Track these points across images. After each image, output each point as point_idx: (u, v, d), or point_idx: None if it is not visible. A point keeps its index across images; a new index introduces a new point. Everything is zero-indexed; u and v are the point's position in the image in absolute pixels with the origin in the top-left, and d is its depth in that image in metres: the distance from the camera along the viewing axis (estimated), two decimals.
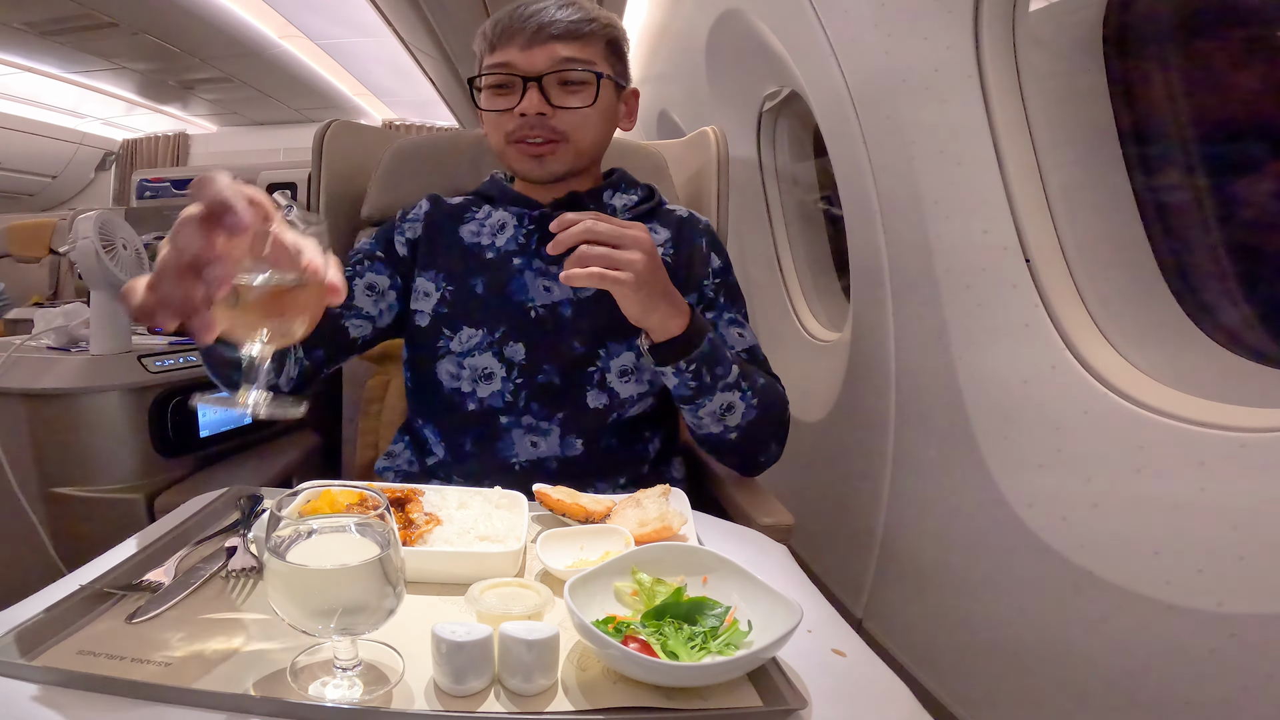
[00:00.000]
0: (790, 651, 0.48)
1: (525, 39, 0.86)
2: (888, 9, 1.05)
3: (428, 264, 0.94)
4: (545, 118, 0.86)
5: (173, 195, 1.56)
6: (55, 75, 4.73)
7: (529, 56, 0.86)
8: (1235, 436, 0.72)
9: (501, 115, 0.88)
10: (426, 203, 1.00)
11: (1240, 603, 0.69)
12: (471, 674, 0.44)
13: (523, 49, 0.86)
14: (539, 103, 0.85)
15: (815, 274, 2.00)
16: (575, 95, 0.88)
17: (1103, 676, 0.84)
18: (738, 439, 0.86)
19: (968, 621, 1.08)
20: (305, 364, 0.87)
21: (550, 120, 0.87)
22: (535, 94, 0.85)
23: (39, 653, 0.46)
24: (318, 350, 0.88)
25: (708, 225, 1.00)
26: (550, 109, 0.86)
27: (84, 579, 0.56)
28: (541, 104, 0.86)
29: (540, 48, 0.85)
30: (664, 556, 0.56)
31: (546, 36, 0.85)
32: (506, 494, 0.72)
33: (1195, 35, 0.92)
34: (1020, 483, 0.96)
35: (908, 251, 1.16)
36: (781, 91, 1.85)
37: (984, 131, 0.97)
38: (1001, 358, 0.99)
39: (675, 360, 0.80)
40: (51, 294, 3.01)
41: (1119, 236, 0.95)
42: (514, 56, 0.86)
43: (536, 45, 0.85)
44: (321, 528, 0.46)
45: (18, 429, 0.97)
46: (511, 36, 0.86)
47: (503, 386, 0.89)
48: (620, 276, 0.72)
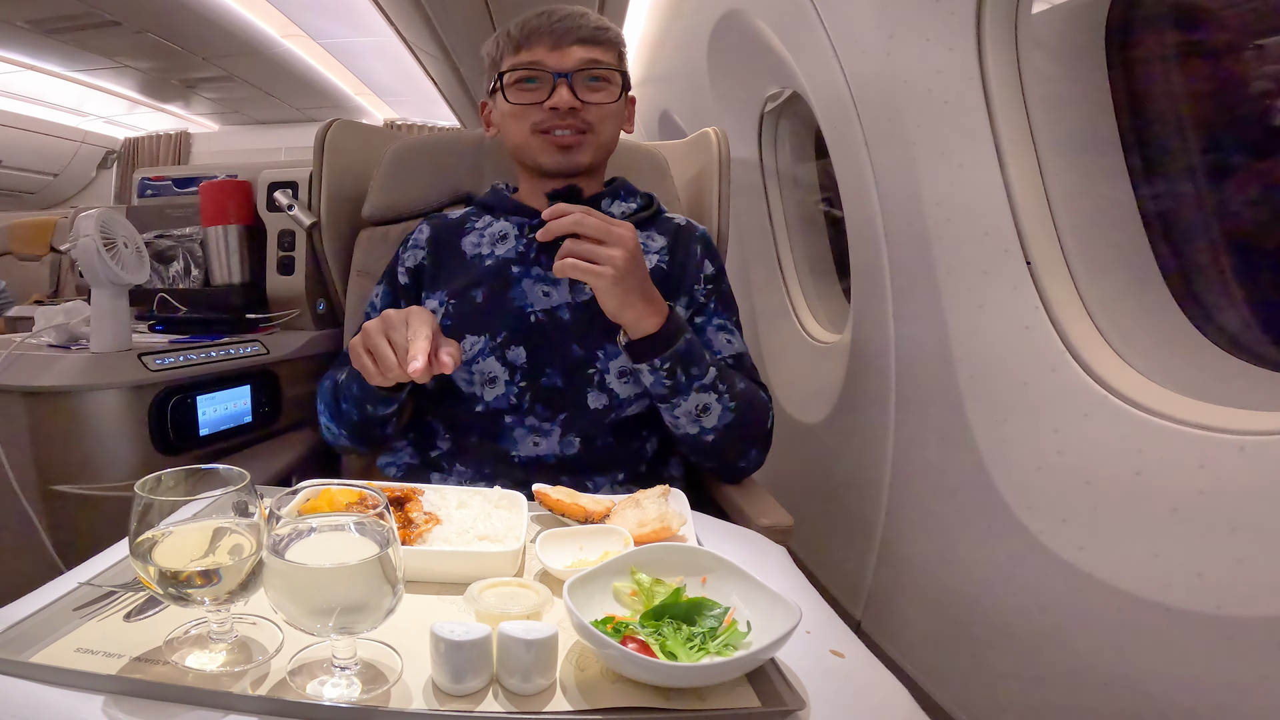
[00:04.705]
0: (789, 652, 0.48)
1: (554, 40, 0.92)
2: (890, 10, 1.05)
3: (434, 285, 0.99)
4: (575, 111, 0.92)
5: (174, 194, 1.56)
6: (57, 73, 4.73)
7: (559, 56, 0.92)
8: (1235, 439, 0.72)
9: (529, 109, 0.94)
10: (427, 228, 1.04)
11: (1239, 606, 0.69)
12: (470, 673, 0.44)
13: (552, 49, 0.92)
14: (570, 97, 0.91)
15: (816, 275, 2.00)
16: (600, 92, 0.94)
17: (1101, 678, 0.84)
18: (714, 441, 0.88)
19: (966, 623, 1.08)
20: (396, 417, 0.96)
21: (579, 113, 0.93)
22: (565, 89, 0.91)
23: (37, 650, 0.46)
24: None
25: (704, 233, 1.04)
26: (579, 103, 0.92)
27: (83, 577, 0.56)
28: (572, 99, 0.91)
29: (568, 49, 0.92)
30: (663, 557, 0.56)
31: (574, 39, 0.92)
32: (506, 494, 0.72)
33: (1198, 38, 0.92)
34: (1020, 485, 0.96)
35: (909, 253, 1.16)
36: (783, 93, 1.85)
37: (986, 133, 0.97)
38: (1002, 359, 0.99)
39: (650, 357, 0.83)
40: (52, 292, 3.01)
41: (1120, 239, 0.95)
42: (543, 55, 0.92)
43: (565, 46, 0.92)
44: (321, 526, 0.47)
45: (17, 426, 0.97)
46: (540, 38, 0.92)
47: (507, 390, 0.92)
48: (598, 270, 0.77)
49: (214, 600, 0.46)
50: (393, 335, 0.75)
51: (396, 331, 0.75)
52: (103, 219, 1.01)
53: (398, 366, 0.73)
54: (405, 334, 0.74)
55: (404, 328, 0.75)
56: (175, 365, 1.06)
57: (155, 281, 1.37)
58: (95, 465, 1.00)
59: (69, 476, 0.99)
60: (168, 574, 0.45)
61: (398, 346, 0.74)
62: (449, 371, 0.74)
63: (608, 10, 2.63)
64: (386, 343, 0.75)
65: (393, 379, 0.76)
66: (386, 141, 1.29)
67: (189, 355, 1.10)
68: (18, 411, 0.97)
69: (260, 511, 0.47)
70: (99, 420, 1.00)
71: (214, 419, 1.12)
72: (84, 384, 0.98)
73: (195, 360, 1.10)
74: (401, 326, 0.75)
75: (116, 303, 1.04)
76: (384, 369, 0.75)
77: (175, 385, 1.05)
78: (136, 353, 1.04)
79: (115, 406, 1.01)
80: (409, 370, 0.71)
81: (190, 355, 1.10)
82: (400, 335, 0.74)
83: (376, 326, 0.76)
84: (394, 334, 0.75)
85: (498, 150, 1.24)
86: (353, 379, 0.89)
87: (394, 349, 0.74)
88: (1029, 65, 0.96)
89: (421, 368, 0.71)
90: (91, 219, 1.00)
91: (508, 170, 1.15)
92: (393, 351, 0.74)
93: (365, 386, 0.85)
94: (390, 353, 0.74)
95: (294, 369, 1.28)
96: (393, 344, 0.74)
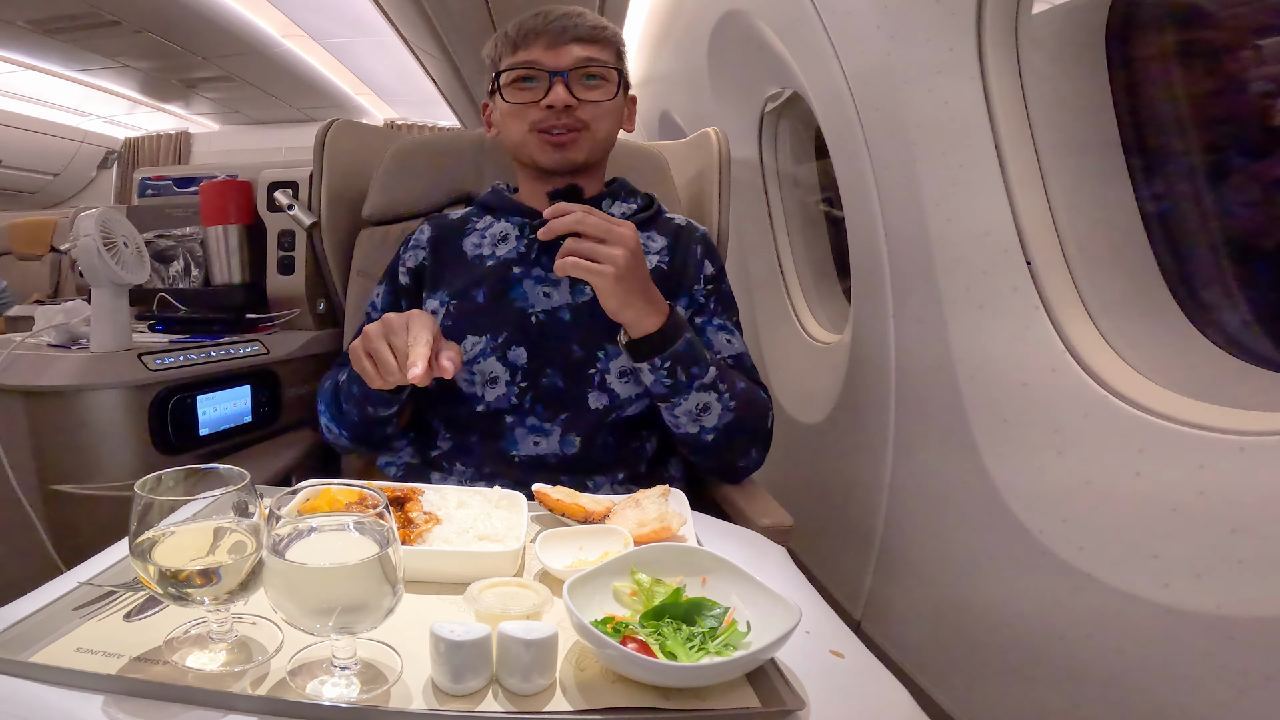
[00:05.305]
0: (789, 652, 0.48)
1: (550, 39, 0.92)
2: (890, 10, 1.05)
3: (435, 286, 0.99)
4: (571, 109, 0.92)
5: (174, 193, 1.56)
6: (58, 73, 4.73)
7: (555, 55, 0.92)
8: (1235, 440, 0.72)
9: (526, 108, 0.94)
10: (428, 228, 1.04)
11: (1239, 606, 0.69)
12: (470, 673, 0.44)
13: (548, 48, 0.92)
14: (566, 95, 0.91)
15: (816, 276, 2.00)
16: (596, 90, 0.94)
17: (1101, 679, 0.84)
18: (714, 441, 0.88)
19: (966, 623, 1.08)
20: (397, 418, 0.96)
21: (575, 111, 0.93)
22: (561, 87, 0.91)
23: (37, 650, 0.46)
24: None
25: (705, 234, 1.04)
26: (576, 101, 0.92)
27: (82, 576, 0.56)
28: (568, 96, 0.92)
29: (565, 48, 0.92)
30: (663, 557, 0.56)
31: (570, 38, 0.92)
32: (506, 494, 0.72)
33: (1198, 39, 0.92)
34: (1020, 485, 0.96)
35: (909, 253, 1.16)
36: (783, 93, 1.85)
37: (986, 134, 0.97)
38: (1002, 360, 0.99)
39: (650, 357, 0.83)
40: (52, 291, 3.01)
41: (1120, 239, 0.95)
42: (540, 55, 0.93)
43: (561, 45, 0.92)
44: (321, 526, 0.47)
45: (17, 426, 0.97)
46: (536, 37, 0.93)
47: (508, 390, 0.92)
48: (599, 269, 0.77)
49: (214, 600, 0.46)
50: (393, 340, 0.75)
51: (397, 336, 0.75)
52: (103, 219, 1.01)
53: (398, 371, 0.73)
54: (405, 338, 0.74)
55: (404, 332, 0.75)
56: (175, 365, 1.06)
57: (155, 281, 1.37)
58: (95, 465, 1.00)
59: (69, 476, 0.99)
60: (168, 574, 0.45)
61: (398, 351, 0.74)
62: (449, 377, 0.74)
63: (608, 10, 2.63)
64: (387, 347, 0.75)
65: (393, 383, 0.76)
66: (386, 141, 1.29)
67: (189, 355, 1.10)
68: (18, 411, 0.97)
69: (260, 511, 0.47)
70: (99, 420, 1.00)
71: (214, 419, 1.12)
72: (84, 384, 0.98)
73: (195, 360, 1.10)
74: (402, 331, 0.75)
75: (116, 302, 1.04)
76: (384, 373, 0.75)
77: (175, 385, 1.05)
78: (136, 352, 1.04)
79: (115, 406, 1.01)
80: (408, 376, 0.71)
81: (190, 355, 1.10)
82: (401, 340, 0.74)
83: (377, 330, 0.76)
84: (394, 338, 0.75)
85: (498, 150, 1.24)
86: (354, 380, 0.89)
87: (394, 353, 0.74)
88: (1029, 65, 0.96)
89: (421, 373, 0.71)
90: (92, 219, 1.00)
91: (508, 170, 1.15)
92: (393, 356, 0.74)
93: (366, 388, 0.85)
94: (390, 357, 0.74)
95: (294, 369, 1.28)
96: (393, 348, 0.75)
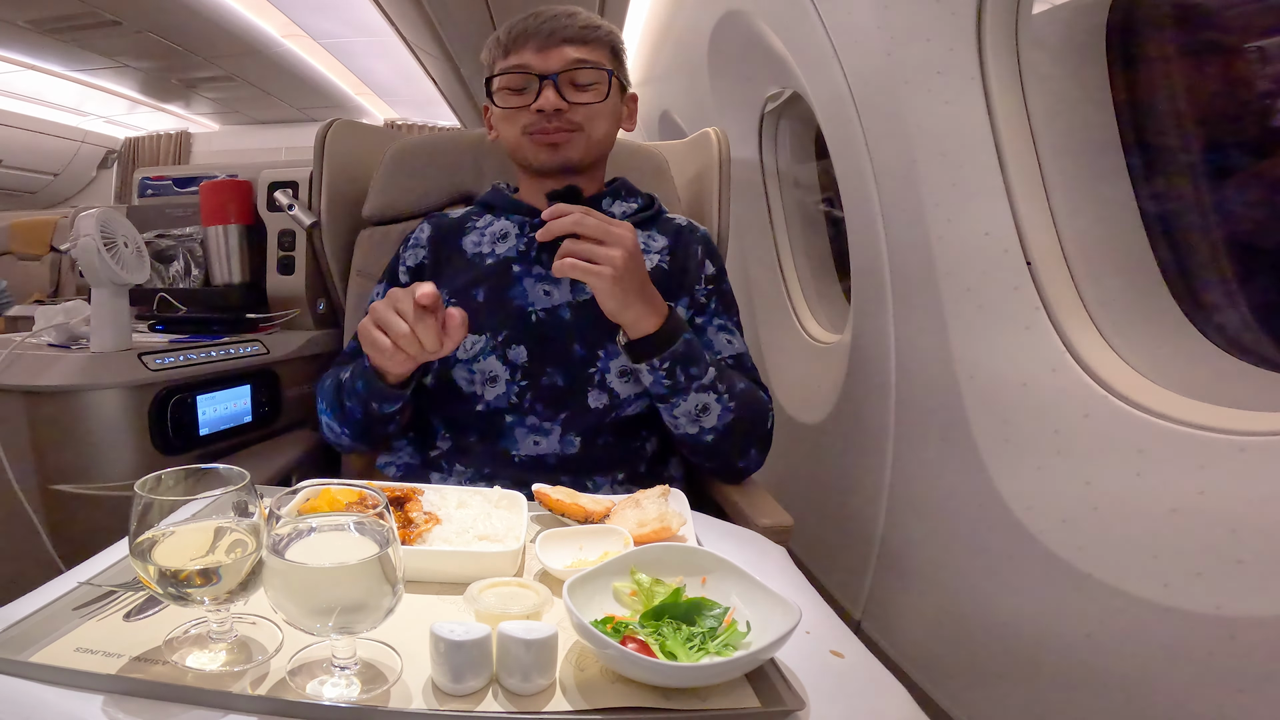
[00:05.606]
0: (788, 652, 0.48)
1: (539, 42, 0.92)
2: (890, 11, 1.05)
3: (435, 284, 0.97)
4: (562, 112, 0.92)
5: (174, 193, 1.56)
6: (58, 73, 4.73)
7: (544, 58, 0.92)
8: (1235, 440, 0.72)
9: (518, 112, 0.94)
10: (428, 226, 1.04)
11: (1239, 606, 0.69)
12: (469, 673, 0.44)
13: (537, 51, 0.92)
14: (555, 99, 0.91)
15: (816, 276, 2.00)
16: (587, 92, 0.94)
17: (1101, 679, 0.84)
18: (714, 441, 0.88)
19: (966, 624, 1.08)
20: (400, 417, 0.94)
21: (567, 114, 0.93)
22: (551, 91, 0.91)
23: (37, 650, 0.46)
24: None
25: (705, 234, 1.04)
26: (566, 104, 0.92)
27: (82, 576, 0.56)
28: (558, 100, 0.91)
29: (554, 50, 0.92)
30: (663, 557, 0.56)
31: (559, 40, 0.92)
32: (506, 494, 0.72)
33: (1198, 39, 0.92)
34: (1020, 485, 0.96)
35: (909, 254, 1.16)
36: (783, 93, 1.85)
37: (986, 134, 0.97)
38: (1002, 360, 0.99)
39: (649, 357, 0.83)
40: (52, 291, 3.01)
41: (1120, 239, 0.95)
42: (529, 59, 0.92)
43: (551, 48, 0.92)
44: (321, 526, 0.46)
45: (17, 426, 0.97)
46: (526, 40, 0.92)
47: (508, 389, 0.92)
48: (598, 270, 0.77)
49: (214, 600, 0.46)
50: (400, 306, 0.75)
51: (402, 303, 0.75)
52: (103, 219, 1.01)
53: (409, 332, 0.73)
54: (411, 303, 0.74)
55: (409, 298, 0.75)
56: (175, 365, 1.06)
57: (155, 281, 1.37)
58: (95, 465, 1.00)
59: (69, 476, 0.99)
60: (167, 573, 0.45)
61: (406, 315, 0.74)
62: (458, 322, 0.74)
63: (608, 10, 2.63)
64: (395, 314, 0.75)
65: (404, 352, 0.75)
66: (386, 141, 1.29)
67: (189, 355, 1.10)
68: (18, 411, 0.97)
69: (260, 511, 0.47)
70: (99, 420, 1.00)
71: (214, 419, 1.12)
72: (84, 384, 0.98)
73: (195, 360, 1.10)
74: (407, 298, 0.75)
75: (116, 302, 1.04)
76: (396, 337, 0.74)
77: (175, 385, 1.05)
78: (136, 352, 1.04)
79: (115, 406, 1.01)
80: (418, 296, 0.71)
81: (190, 355, 1.10)
82: (407, 305, 0.74)
83: (384, 304, 0.76)
84: (401, 304, 0.75)
85: (498, 150, 1.24)
86: (358, 376, 0.88)
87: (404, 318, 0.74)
88: (1029, 66, 0.96)
89: (431, 292, 0.71)
90: (92, 219, 1.00)
91: (508, 170, 1.15)
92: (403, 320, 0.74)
93: (371, 384, 0.85)
94: (400, 322, 0.74)
95: (294, 369, 1.28)
96: (401, 314, 0.75)
